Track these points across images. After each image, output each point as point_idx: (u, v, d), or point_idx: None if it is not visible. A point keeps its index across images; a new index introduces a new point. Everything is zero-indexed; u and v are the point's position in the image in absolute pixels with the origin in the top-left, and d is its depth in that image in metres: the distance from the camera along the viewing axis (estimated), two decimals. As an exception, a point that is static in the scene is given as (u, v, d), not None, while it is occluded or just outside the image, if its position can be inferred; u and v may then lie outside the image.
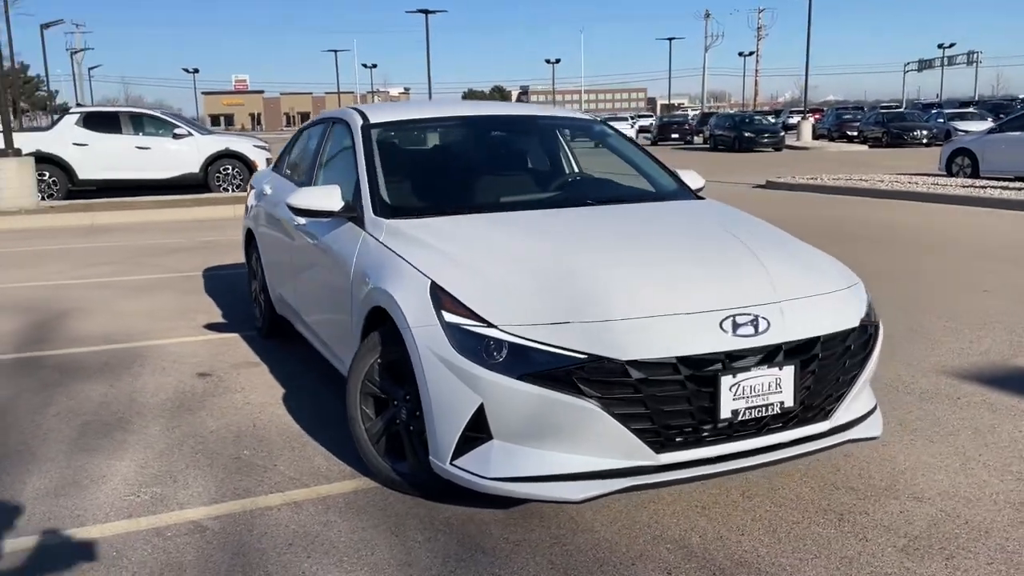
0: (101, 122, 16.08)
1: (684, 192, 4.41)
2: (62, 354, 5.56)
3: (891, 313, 5.83)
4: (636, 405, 2.76)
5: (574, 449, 2.80)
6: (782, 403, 2.93)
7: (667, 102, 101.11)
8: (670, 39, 69.43)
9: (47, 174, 15.64)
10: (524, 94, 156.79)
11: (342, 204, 3.83)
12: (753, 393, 2.88)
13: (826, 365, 3.04)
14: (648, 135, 44.58)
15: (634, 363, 2.75)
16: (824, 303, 3.16)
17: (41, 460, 3.77)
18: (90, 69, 69.85)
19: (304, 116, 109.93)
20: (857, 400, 3.25)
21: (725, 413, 2.84)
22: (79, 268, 8.97)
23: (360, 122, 4.32)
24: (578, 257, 3.20)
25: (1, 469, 3.68)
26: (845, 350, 3.10)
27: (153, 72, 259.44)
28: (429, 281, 3.10)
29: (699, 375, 2.81)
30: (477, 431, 2.87)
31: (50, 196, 15.60)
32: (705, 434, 2.87)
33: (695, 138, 40.97)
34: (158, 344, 5.76)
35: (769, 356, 2.90)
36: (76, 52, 63.48)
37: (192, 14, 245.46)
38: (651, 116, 59.08)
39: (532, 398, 2.75)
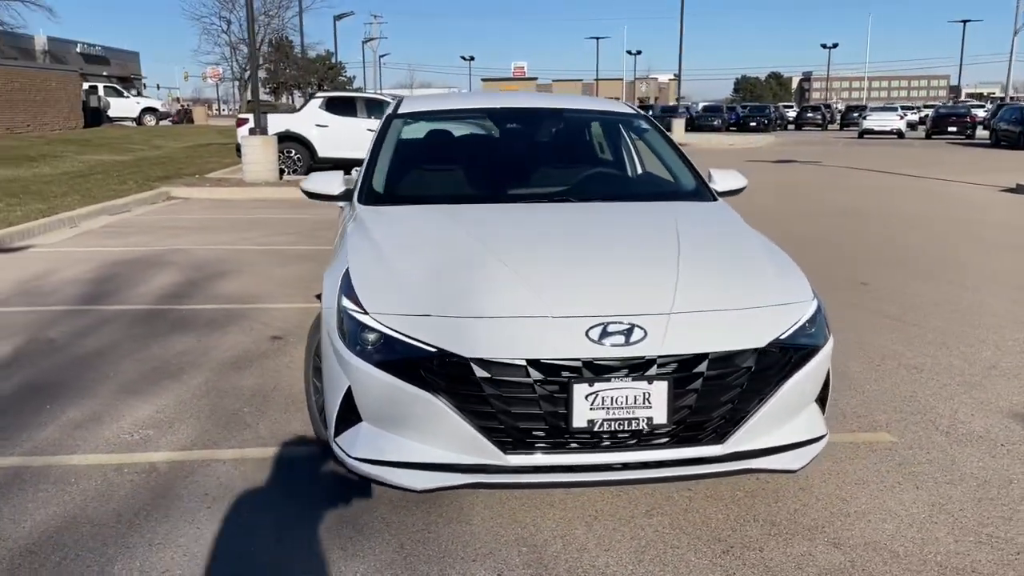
0: (340, 106, 17.67)
1: (698, 193, 4.21)
2: (186, 309, 6.38)
3: None
4: (482, 403, 2.77)
5: (426, 440, 2.86)
6: (650, 419, 2.78)
7: (971, 91, 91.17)
8: (964, 21, 62.40)
9: (293, 151, 17.48)
10: (806, 80, 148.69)
11: (342, 189, 4.11)
12: (615, 405, 2.76)
13: (715, 385, 2.83)
14: (918, 128, 40.54)
15: (480, 361, 2.75)
16: (730, 319, 2.94)
17: (89, 396, 4.44)
18: (380, 56, 76.24)
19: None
20: (777, 427, 2.99)
21: (579, 422, 2.76)
22: (268, 235, 10.07)
23: (389, 111, 4.58)
24: (490, 253, 3.23)
25: (54, 398, 4.38)
26: (744, 371, 2.87)
27: (437, 59, 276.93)
28: (347, 266, 3.29)
29: (551, 380, 2.75)
30: (352, 412, 3.02)
31: (294, 171, 17.44)
32: (558, 441, 2.80)
33: (979, 131, 36.71)
34: (266, 307, 6.42)
35: (638, 369, 2.77)
36: (368, 41, 69.68)
37: (476, 3, 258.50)
38: (916, 108, 53.69)
39: (386, 386, 2.85)
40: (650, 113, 55.64)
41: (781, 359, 2.94)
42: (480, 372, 2.75)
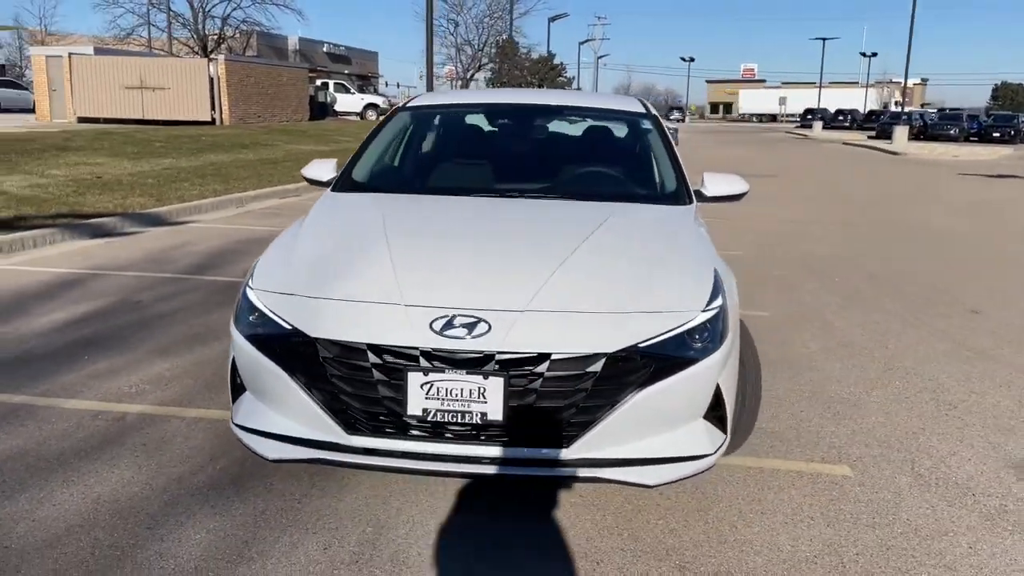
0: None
1: (675, 196, 4.05)
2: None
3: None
4: (326, 383, 2.87)
5: (281, 413, 3.00)
6: (484, 414, 2.76)
7: None
8: None
9: None
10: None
11: (331, 176, 4.34)
12: (450, 396, 2.77)
13: (557, 387, 2.76)
14: None
15: (325, 342, 2.85)
16: (586, 321, 2.84)
17: (126, 352, 4.97)
18: (599, 57, 76.83)
19: (809, 108, 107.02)
20: (636, 438, 2.86)
21: (414, 410, 2.79)
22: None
23: (401, 103, 4.76)
24: (384, 240, 3.32)
25: (96, 351, 4.95)
26: (590, 376, 2.76)
27: (657, 60, 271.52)
28: (272, 245, 3.50)
29: (388, 366, 2.80)
30: (237, 381, 3.23)
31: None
32: (397, 427, 2.85)
33: None
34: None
35: (475, 363, 2.76)
36: (586, 42, 70.46)
37: (700, 2, 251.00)
38: None
39: (252, 359, 3.02)
40: (882, 118, 51.48)
41: (637, 367, 2.81)
42: (324, 352, 2.85)
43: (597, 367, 2.77)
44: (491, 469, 2.85)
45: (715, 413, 3.02)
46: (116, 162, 15.15)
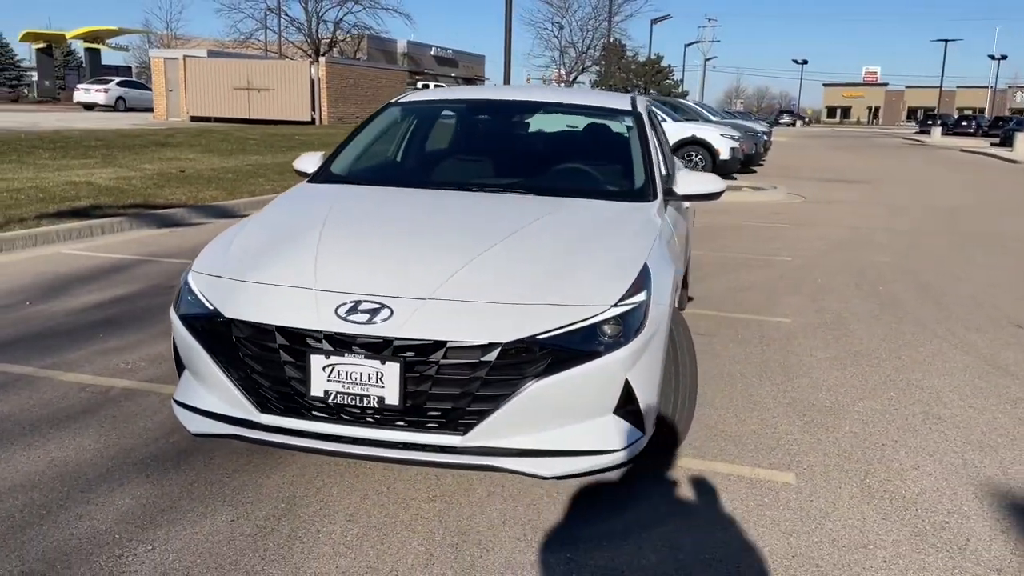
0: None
1: (639, 193, 4.00)
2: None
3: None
4: (240, 363, 2.99)
5: (208, 390, 3.15)
6: (382, 398, 2.83)
7: None
8: None
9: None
10: None
11: (315, 168, 4.49)
12: (350, 380, 2.85)
13: (453, 374, 2.80)
14: None
15: (238, 323, 2.98)
16: (487, 310, 2.87)
17: (138, 332, 5.25)
18: (706, 60, 75.44)
19: (928, 111, 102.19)
20: (536, 429, 2.87)
21: (316, 391, 2.88)
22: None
23: (394, 99, 4.88)
24: (319, 228, 3.42)
25: (113, 330, 5.25)
26: (486, 365, 2.79)
27: (768, 62, 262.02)
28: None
29: (293, 348, 2.90)
30: (178, 359, 3.39)
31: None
32: (302, 407, 2.94)
33: None
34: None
35: (374, 348, 2.83)
36: (692, 44, 69.34)
37: (813, 7, 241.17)
38: None
39: (183, 338, 3.18)
40: (1007, 125, 48.55)
41: (535, 358, 2.81)
42: (237, 332, 2.97)
43: (492, 356, 2.79)
44: (389, 453, 2.91)
45: (627, 408, 2.98)
46: (205, 158, 15.94)
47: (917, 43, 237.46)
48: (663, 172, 4.41)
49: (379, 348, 2.82)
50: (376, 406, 2.84)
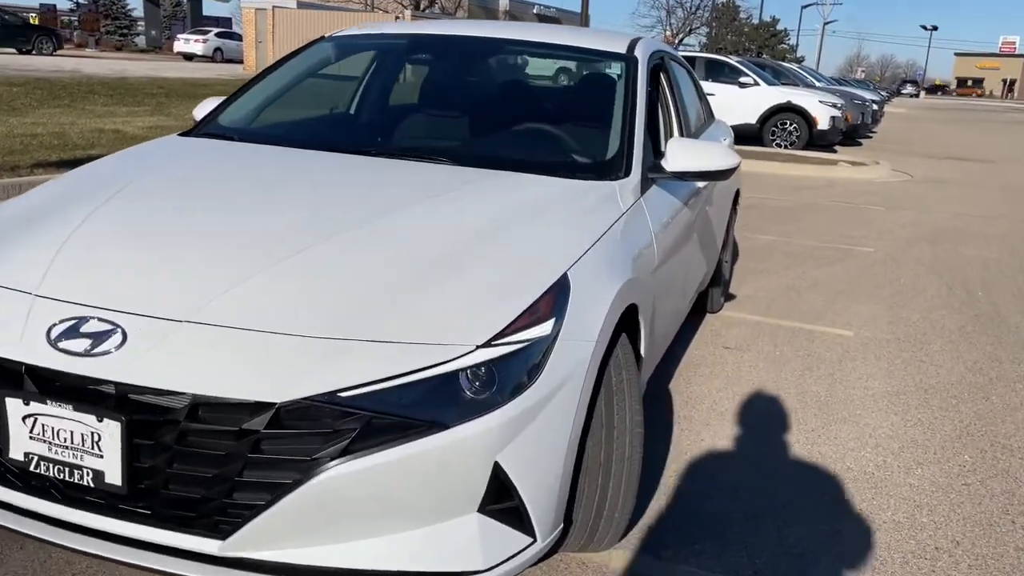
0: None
1: (607, 168, 2.84)
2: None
3: None
4: None
5: None
6: (99, 473, 1.84)
7: None
8: None
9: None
10: None
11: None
12: (58, 440, 1.86)
13: (205, 445, 1.79)
14: None
15: None
16: (274, 350, 1.83)
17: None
18: (825, 24, 71.06)
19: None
20: (336, 536, 1.83)
21: (16, 452, 1.89)
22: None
23: (329, 33, 3.84)
24: (108, 203, 2.42)
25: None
26: (257, 434, 1.76)
27: (894, 28, 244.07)
28: None
29: None
30: None
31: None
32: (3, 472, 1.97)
33: None
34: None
35: (90, 396, 1.83)
36: (808, 6, 65.42)
37: None
38: None
39: None
40: None
41: (336, 428, 1.77)
42: None
43: (265, 421, 1.76)
44: (115, 553, 1.91)
45: (501, 506, 1.92)
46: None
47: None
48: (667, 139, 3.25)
49: (94, 397, 1.82)
50: (91, 484, 1.85)
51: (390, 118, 3.50)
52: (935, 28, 73.84)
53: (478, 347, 1.87)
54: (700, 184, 3.57)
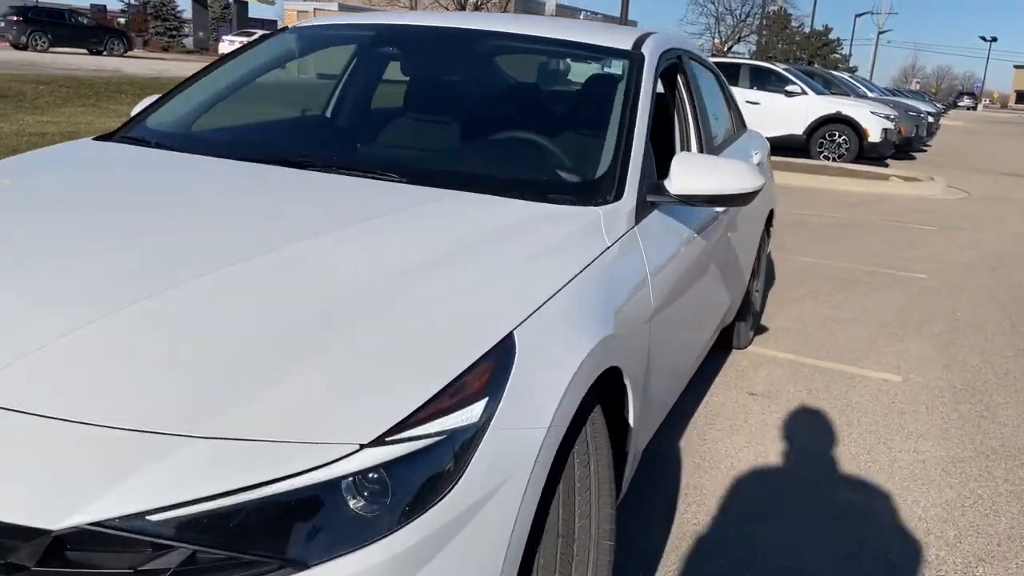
0: (724, 73, 15.60)
1: (586, 190, 2.27)
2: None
3: None
4: None
5: None
6: None
7: None
8: None
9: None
10: None
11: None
12: None
13: None
14: None
15: None
16: (55, 445, 1.30)
17: None
18: (880, 33, 69.29)
19: None
20: None
21: None
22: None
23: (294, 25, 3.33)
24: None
25: None
26: (11, 573, 1.24)
27: (951, 39, 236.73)
28: None
29: None
30: None
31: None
32: None
33: None
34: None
35: None
36: (862, 15, 63.82)
37: None
38: None
39: None
40: None
41: (134, 568, 1.24)
42: None
43: (39, 553, 1.23)
44: None
45: None
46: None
47: None
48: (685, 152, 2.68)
49: None
50: None
51: (339, 125, 2.98)
52: (994, 39, 71.54)
53: (362, 447, 1.32)
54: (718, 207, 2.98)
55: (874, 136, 14.56)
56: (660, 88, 3.40)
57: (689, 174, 2.36)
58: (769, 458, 3.22)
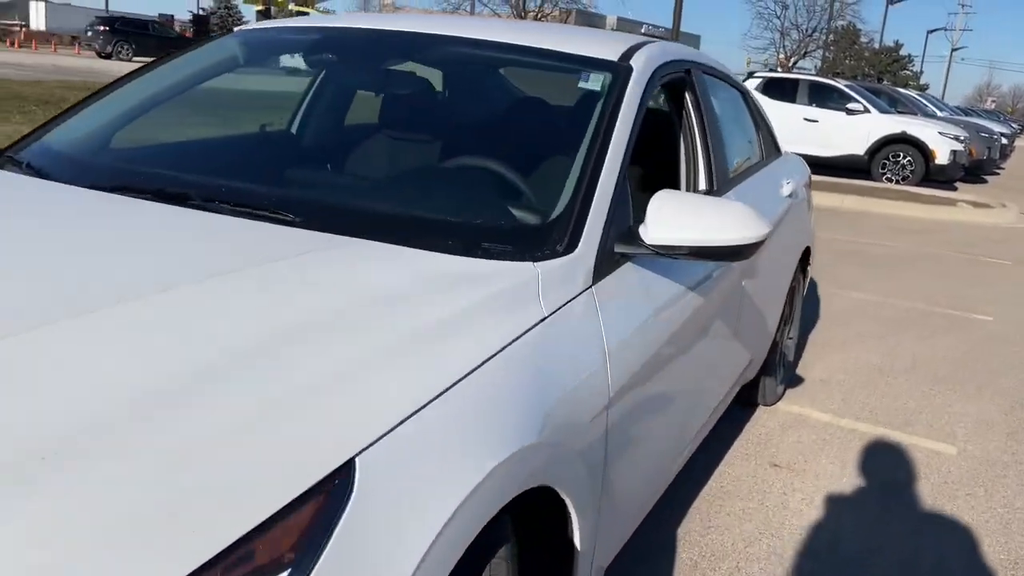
0: (780, 89, 15.01)
1: (531, 239, 1.76)
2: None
3: None
4: None
5: None
6: None
7: None
8: None
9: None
10: None
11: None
12: None
13: None
14: None
15: None
16: None
17: None
18: (953, 51, 67.00)
19: None
20: None
21: None
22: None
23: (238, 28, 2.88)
24: None
25: None
26: None
27: None
28: None
29: None
30: None
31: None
32: None
33: None
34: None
35: None
36: (935, 31, 61.67)
37: None
38: None
39: None
40: None
41: None
42: None
43: None
44: None
45: None
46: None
47: None
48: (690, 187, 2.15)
49: None
50: None
51: (247, 147, 2.51)
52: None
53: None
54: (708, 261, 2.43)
55: (941, 158, 13.68)
56: (665, 107, 2.88)
57: (670, 219, 1.83)
58: (784, 557, 2.65)
